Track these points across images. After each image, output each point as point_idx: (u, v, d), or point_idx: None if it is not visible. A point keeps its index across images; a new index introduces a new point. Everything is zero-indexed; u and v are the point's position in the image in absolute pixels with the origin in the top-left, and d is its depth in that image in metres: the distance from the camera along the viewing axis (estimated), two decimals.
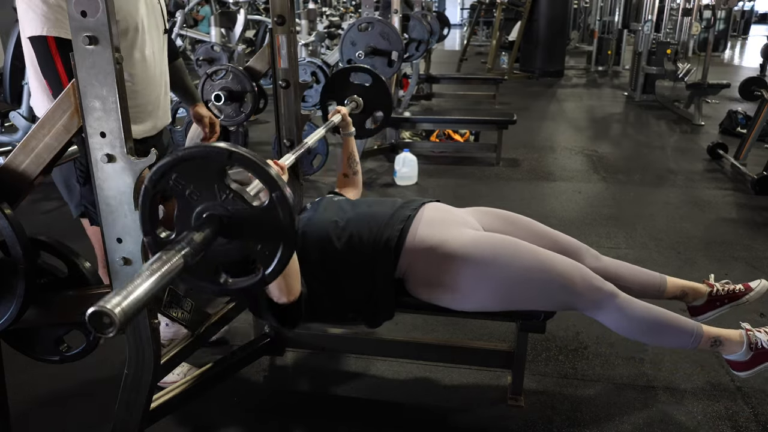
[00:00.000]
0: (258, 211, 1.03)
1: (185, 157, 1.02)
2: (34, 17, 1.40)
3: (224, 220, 1.04)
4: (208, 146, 1.02)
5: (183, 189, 1.04)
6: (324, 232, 1.65)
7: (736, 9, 13.28)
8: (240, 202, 1.03)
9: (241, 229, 1.05)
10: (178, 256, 0.92)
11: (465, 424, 1.80)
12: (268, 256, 1.06)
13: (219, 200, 1.03)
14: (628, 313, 1.61)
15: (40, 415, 1.83)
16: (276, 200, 1.02)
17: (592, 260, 1.80)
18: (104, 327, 0.77)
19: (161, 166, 1.03)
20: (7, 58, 3.92)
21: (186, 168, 1.03)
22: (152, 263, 0.90)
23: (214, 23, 5.02)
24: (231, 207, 1.04)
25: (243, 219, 1.04)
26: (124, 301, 0.79)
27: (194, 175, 1.03)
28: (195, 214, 1.05)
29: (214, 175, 1.02)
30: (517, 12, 9.38)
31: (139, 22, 1.60)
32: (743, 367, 1.67)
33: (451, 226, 1.70)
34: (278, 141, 2.22)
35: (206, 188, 1.03)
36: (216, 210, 1.04)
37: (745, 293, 1.84)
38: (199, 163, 1.02)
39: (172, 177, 1.03)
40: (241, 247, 1.07)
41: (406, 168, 4.07)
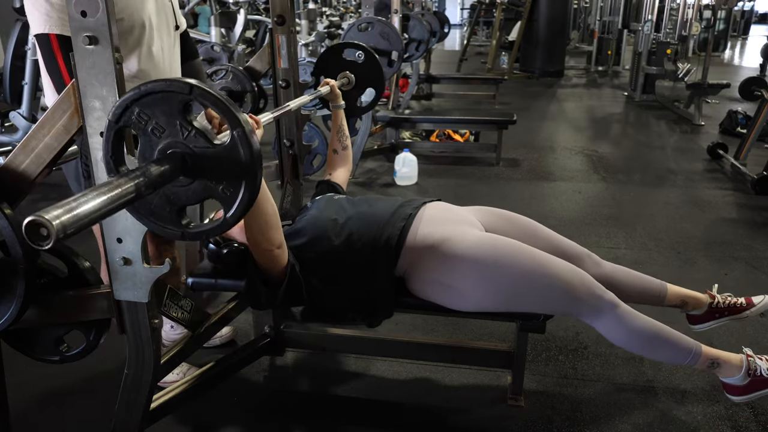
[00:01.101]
0: (220, 149, 1.01)
1: (148, 90, 1.00)
2: (38, 15, 1.42)
3: (186, 159, 1.02)
4: (170, 79, 1.01)
5: (146, 124, 1.02)
6: (323, 231, 1.65)
7: (736, 9, 13.29)
8: (202, 139, 1.01)
9: (204, 168, 1.03)
10: (131, 184, 0.90)
11: (465, 424, 1.80)
12: (230, 196, 1.04)
13: (182, 137, 1.01)
14: (627, 325, 1.60)
15: (40, 415, 1.83)
16: (237, 138, 0.99)
17: (593, 265, 1.80)
18: (40, 238, 0.74)
19: (124, 99, 1.01)
20: (7, 58, 3.92)
21: (149, 102, 1.01)
22: (103, 185, 0.87)
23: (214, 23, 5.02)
24: (194, 145, 1.01)
25: (205, 158, 1.02)
26: (65, 214, 0.76)
27: (157, 110, 1.01)
28: (158, 150, 1.03)
29: (177, 110, 1.01)
30: (517, 12, 9.38)
31: (146, 19, 1.60)
32: (738, 392, 1.67)
33: (454, 225, 1.70)
34: (278, 141, 2.22)
35: (169, 124, 1.01)
36: (178, 147, 1.02)
37: (746, 308, 1.84)
38: (162, 97, 1.00)
39: (135, 111, 1.01)
40: (203, 188, 1.05)
41: (406, 168, 4.07)
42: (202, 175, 1.04)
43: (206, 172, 1.03)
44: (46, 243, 0.74)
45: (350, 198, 1.88)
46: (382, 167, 4.47)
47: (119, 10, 1.50)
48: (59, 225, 0.75)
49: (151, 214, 1.09)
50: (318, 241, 1.63)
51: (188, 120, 1.01)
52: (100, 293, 1.37)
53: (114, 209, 0.87)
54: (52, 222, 0.74)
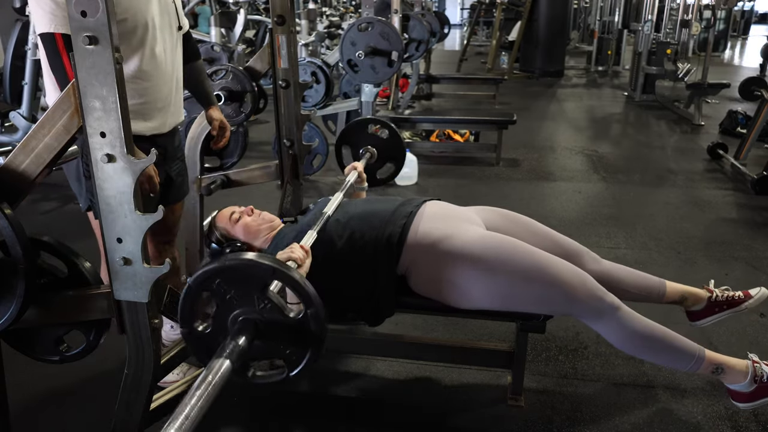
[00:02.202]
0: (292, 321, 1.14)
1: (231, 266, 1.13)
2: (43, 15, 1.42)
3: (259, 325, 1.14)
4: (254, 261, 1.13)
5: (224, 293, 1.15)
6: (326, 232, 1.65)
7: (736, 9, 13.29)
8: (277, 313, 1.14)
9: (273, 333, 1.16)
10: (227, 362, 1.06)
11: (465, 424, 1.80)
12: (295, 360, 1.18)
13: (257, 308, 1.14)
14: (627, 327, 1.60)
15: (40, 414, 1.83)
16: (311, 316, 1.13)
17: (592, 263, 1.80)
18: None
19: (208, 270, 1.13)
20: (7, 58, 3.92)
21: (230, 276, 1.13)
22: (201, 383, 1.01)
23: (214, 23, 5.02)
24: (267, 315, 1.15)
25: (277, 325, 1.15)
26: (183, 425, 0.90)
27: (237, 283, 1.14)
28: (232, 316, 1.16)
29: (257, 287, 1.13)
30: (517, 12, 9.38)
31: (150, 19, 1.60)
32: (744, 399, 1.66)
33: (454, 222, 1.70)
34: (278, 141, 2.22)
35: (246, 296, 1.14)
36: (251, 315, 1.14)
37: (744, 300, 1.84)
38: (245, 275, 1.13)
39: (215, 281, 1.14)
40: (271, 348, 1.18)
41: (406, 168, 4.02)
42: (271, 339, 1.18)
43: (275, 336, 1.17)
44: None
45: (351, 199, 1.88)
46: None
47: (122, 10, 1.51)
48: None
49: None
50: (320, 241, 1.63)
51: (267, 296, 1.13)
52: (100, 293, 1.37)
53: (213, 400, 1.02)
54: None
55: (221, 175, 2.32)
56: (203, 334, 1.20)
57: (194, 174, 2.24)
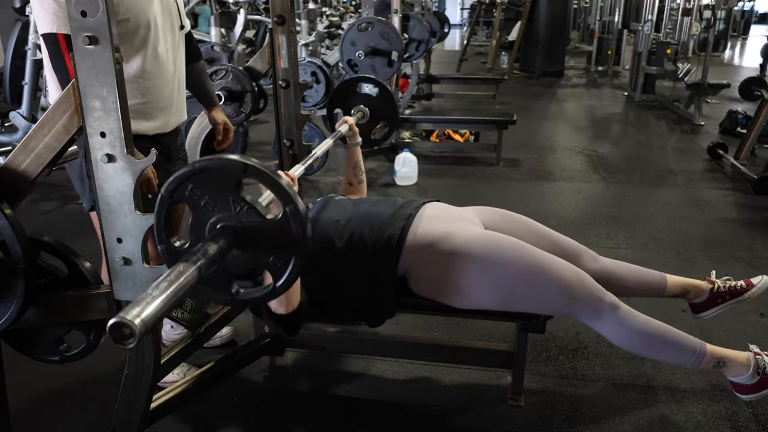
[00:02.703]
0: (272, 224, 1.06)
1: (201, 168, 1.05)
2: (45, 15, 1.43)
3: (238, 232, 1.06)
4: (223, 158, 1.04)
5: (198, 199, 1.07)
6: (325, 232, 1.65)
7: (736, 9, 13.28)
8: (254, 214, 1.05)
9: (255, 241, 1.07)
10: (193, 268, 0.94)
11: (465, 424, 1.80)
12: (280, 268, 1.09)
13: (233, 212, 1.06)
14: (627, 326, 1.60)
15: (40, 415, 1.83)
16: (290, 214, 1.04)
17: (591, 262, 1.80)
18: (125, 338, 0.79)
19: (178, 176, 1.06)
20: (7, 58, 3.93)
21: (202, 179, 1.05)
22: (169, 274, 0.91)
23: (214, 23, 5.02)
24: (245, 219, 1.06)
25: (256, 231, 1.07)
26: (144, 311, 0.80)
27: (210, 187, 1.06)
28: (209, 224, 1.07)
29: (229, 187, 1.05)
30: (517, 12, 9.38)
31: (152, 19, 1.60)
32: (747, 390, 1.65)
33: (454, 222, 1.70)
34: (278, 141, 2.22)
35: (221, 200, 1.06)
36: (230, 221, 1.06)
37: (747, 289, 1.83)
38: (215, 175, 1.04)
39: (188, 187, 1.06)
40: (254, 259, 1.09)
41: (406, 168, 4.07)
42: (252, 247, 1.08)
43: (257, 244, 1.08)
44: (130, 342, 0.79)
45: (351, 199, 1.88)
46: (382, 167, 4.47)
47: (125, 10, 1.51)
48: (141, 323, 0.79)
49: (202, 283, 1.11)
50: (320, 242, 1.63)
51: (241, 196, 1.05)
52: (100, 293, 1.37)
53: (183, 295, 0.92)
54: (135, 321, 0.78)
55: None
56: (182, 250, 1.10)
57: None
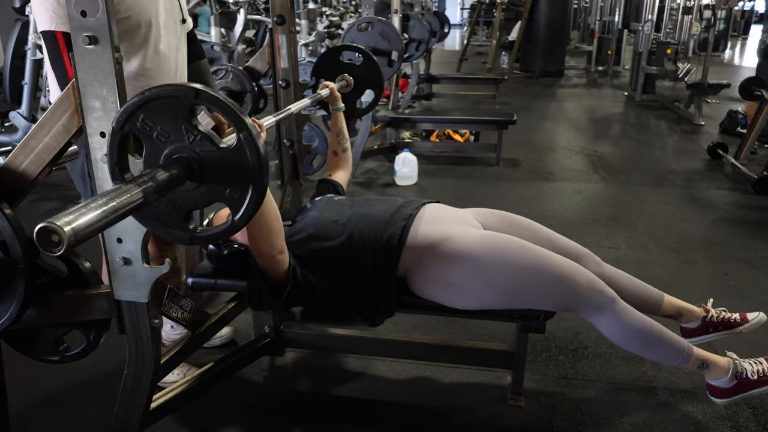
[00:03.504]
0: (226, 153, 1.01)
1: (152, 96, 1.00)
2: (44, 12, 1.42)
3: (193, 163, 1.02)
4: (174, 84, 1.01)
5: (151, 130, 1.02)
6: (324, 232, 1.65)
7: (736, 9, 13.28)
8: (208, 143, 1.01)
9: (210, 172, 1.03)
10: (138, 189, 0.90)
11: (465, 424, 1.80)
12: (237, 200, 1.04)
13: (187, 142, 1.01)
14: (624, 321, 1.61)
15: (39, 415, 1.83)
16: (244, 140, 0.99)
17: (594, 266, 1.80)
18: (52, 245, 0.75)
19: (128, 105, 1.01)
20: (7, 58, 3.92)
21: (154, 108, 1.01)
22: (111, 191, 0.88)
23: (214, 23, 5.02)
24: (200, 149, 1.01)
25: (212, 162, 1.02)
26: (75, 221, 0.77)
27: (162, 116, 1.01)
28: (163, 156, 1.03)
29: (183, 115, 1.00)
30: (517, 12, 9.38)
31: (154, 18, 1.60)
32: (722, 394, 1.69)
33: (454, 224, 1.70)
34: (278, 141, 2.22)
35: (174, 129, 1.01)
36: (184, 152, 1.02)
37: (740, 324, 1.85)
38: (167, 103, 1.00)
39: (139, 118, 1.01)
40: (210, 192, 1.05)
41: (406, 168, 4.06)
42: (208, 179, 1.04)
43: (213, 175, 1.03)
44: (57, 249, 0.75)
45: (350, 198, 1.88)
46: (382, 167, 4.47)
47: (126, 8, 1.51)
48: (70, 231, 0.75)
49: (158, 220, 1.09)
50: (320, 242, 1.63)
51: (194, 125, 1.01)
52: (100, 293, 1.37)
53: (122, 215, 0.88)
54: (63, 228, 0.74)
55: None
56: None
57: None
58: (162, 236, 1.11)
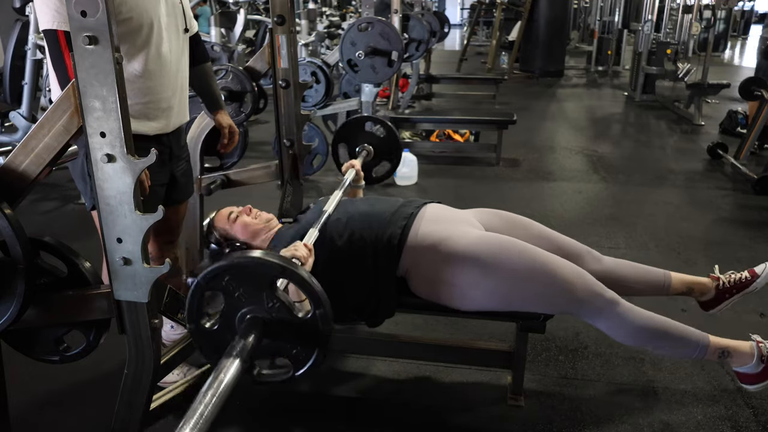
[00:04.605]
0: (300, 321, 1.15)
1: (240, 264, 1.13)
2: (47, 11, 1.43)
3: (267, 323, 1.15)
4: (263, 259, 1.13)
5: (233, 291, 1.15)
6: (325, 231, 1.65)
7: (736, 9, 13.28)
8: (285, 312, 1.14)
9: (281, 332, 1.16)
10: (237, 367, 1.06)
11: (465, 424, 1.80)
12: (302, 360, 1.18)
13: (266, 306, 1.14)
14: (628, 322, 1.60)
15: (39, 415, 1.83)
16: (319, 316, 1.13)
17: (593, 262, 1.80)
18: None
19: (217, 267, 1.14)
20: (7, 58, 3.92)
21: (239, 273, 1.13)
22: (212, 383, 1.01)
23: (214, 23, 5.02)
24: (275, 313, 1.15)
25: (284, 324, 1.15)
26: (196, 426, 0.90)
27: (245, 281, 1.14)
28: (240, 314, 1.16)
29: (265, 285, 1.13)
30: (517, 12, 9.38)
31: (156, 20, 1.61)
32: (753, 380, 1.66)
33: (454, 224, 1.70)
34: (278, 141, 2.22)
35: (255, 294, 1.14)
36: (260, 313, 1.15)
37: (752, 281, 1.83)
38: (253, 273, 1.13)
39: (224, 278, 1.14)
40: (279, 347, 1.19)
41: (406, 168, 4.06)
42: (278, 336, 1.18)
43: (283, 335, 1.18)
44: None
45: (351, 198, 1.88)
46: None
47: (128, 9, 1.51)
48: None
49: None
50: (321, 241, 1.63)
51: (275, 295, 1.14)
52: (100, 293, 1.37)
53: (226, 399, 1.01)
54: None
55: (221, 175, 2.32)
56: (211, 331, 1.20)
57: (194, 174, 2.24)
58: None
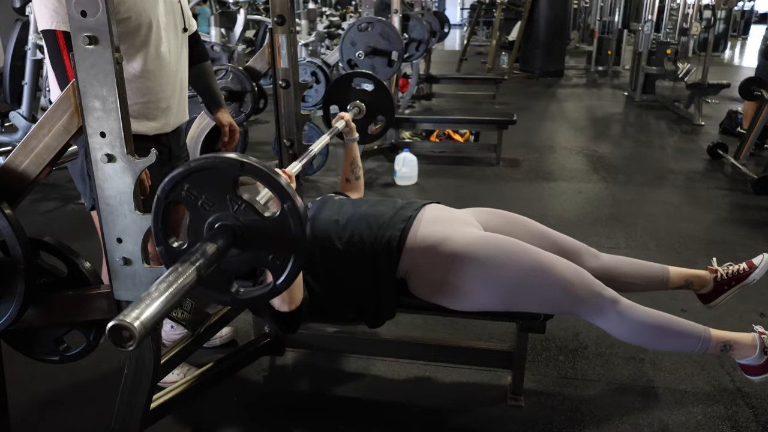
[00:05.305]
0: (269, 222, 1.05)
1: (197, 167, 1.04)
2: (45, 11, 1.43)
3: (237, 231, 1.06)
4: (219, 157, 1.04)
5: (195, 199, 1.06)
6: (325, 232, 1.65)
7: (736, 9, 13.28)
8: (252, 213, 1.05)
9: (253, 239, 1.07)
10: (192, 269, 0.94)
11: (465, 424, 1.80)
12: (279, 266, 1.08)
13: (231, 211, 1.05)
14: (629, 319, 1.60)
15: (39, 415, 1.83)
16: (288, 211, 1.03)
17: (591, 259, 1.80)
18: (124, 340, 0.78)
19: (174, 176, 1.05)
20: (7, 58, 3.92)
21: (198, 178, 1.04)
22: (168, 275, 0.91)
23: (214, 23, 5.02)
24: (243, 218, 1.05)
25: (255, 230, 1.06)
26: (143, 314, 0.80)
27: (206, 186, 1.05)
28: (207, 224, 1.07)
29: (226, 185, 1.04)
30: (517, 12, 9.38)
31: (155, 19, 1.61)
32: (757, 371, 1.66)
33: (454, 225, 1.70)
34: (278, 141, 2.22)
35: (218, 199, 1.05)
36: (228, 221, 1.05)
37: (750, 272, 1.84)
38: (211, 174, 1.04)
39: (184, 187, 1.05)
40: (253, 258, 1.09)
41: (406, 168, 4.06)
42: (251, 246, 1.08)
43: (256, 243, 1.08)
44: (130, 344, 0.79)
45: (350, 198, 1.88)
46: (382, 167, 4.47)
47: (126, 8, 1.51)
48: (140, 325, 0.79)
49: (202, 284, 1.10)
50: (320, 242, 1.63)
51: (238, 195, 1.05)
52: (100, 293, 1.37)
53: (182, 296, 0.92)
54: (134, 324, 0.78)
55: None
56: (181, 251, 1.09)
57: None
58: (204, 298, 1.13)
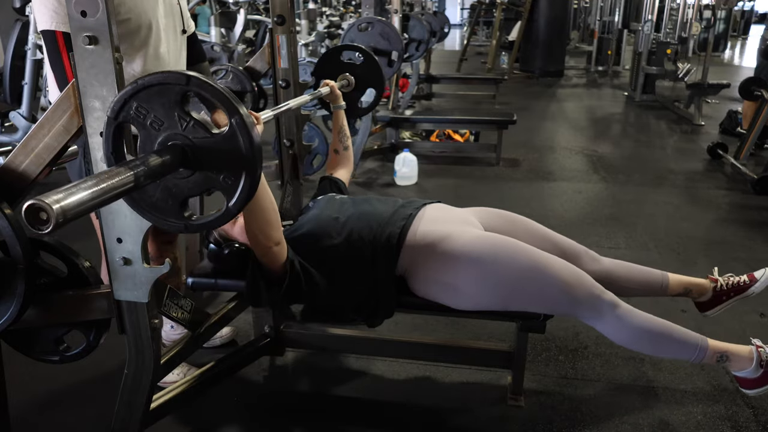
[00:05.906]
0: (219, 138, 1.01)
1: (145, 84, 1.01)
2: (45, 12, 1.43)
3: (186, 150, 1.02)
4: (167, 72, 1.02)
5: (144, 118, 1.03)
6: (325, 230, 1.65)
7: (736, 9, 13.28)
8: (201, 130, 1.02)
9: (204, 159, 1.03)
10: (130, 173, 0.91)
11: (465, 424, 1.80)
12: (231, 185, 1.04)
13: (180, 129, 1.02)
14: (627, 324, 1.60)
15: (39, 415, 1.83)
16: (236, 125, 0.99)
17: (591, 262, 1.80)
18: (40, 222, 0.75)
19: (122, 94, 1.02)
20: (7, 58, 3.92)
21: (146, 96, 1.01)
22: (102, 173, 0.88)
23: (214, 23, 5.02)
24: (193, 136, 1.02)
25: (205, 149, 1.02)
26: (65, 199, 0.77)
27: (155, 103, 1.02)
28: (157, 143, 1.04)
29: (175, 102, 1.01)
30: (517, 12, 9.38)
31: (154, 20, 1.61)
32: (752, 385, 1.65)
33: (453, 224, 1.70)
34: (278, 141, 2.22)
35: (167, 117, 1.02)
36: (178, 140, 1.02)
37: (750, 285, 1.83)
38: (160, 90, 1.01)
39: (133, 106, 1.02)
40: (204, 179, 1.05)
41: (406, 168, 4.06)
42: (202, 166, 1.04)
43: (206, 162, 1.04)
44: (45, 227, 0.75)
45: (351, 197, 1.88)
46: (382, 167, 4.47)
47: (127, 10, 1.51)
48: (59, 209, 0.75)
49: (153, 208, 1.09)
50: (319, 239, 1.63)
51: (186, 111, 1.01)
52: (100, 293, 1.37)
53: (113, 197, 0.88)
54: (52, 206, 0.74)
55: None
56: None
57: None
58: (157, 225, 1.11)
